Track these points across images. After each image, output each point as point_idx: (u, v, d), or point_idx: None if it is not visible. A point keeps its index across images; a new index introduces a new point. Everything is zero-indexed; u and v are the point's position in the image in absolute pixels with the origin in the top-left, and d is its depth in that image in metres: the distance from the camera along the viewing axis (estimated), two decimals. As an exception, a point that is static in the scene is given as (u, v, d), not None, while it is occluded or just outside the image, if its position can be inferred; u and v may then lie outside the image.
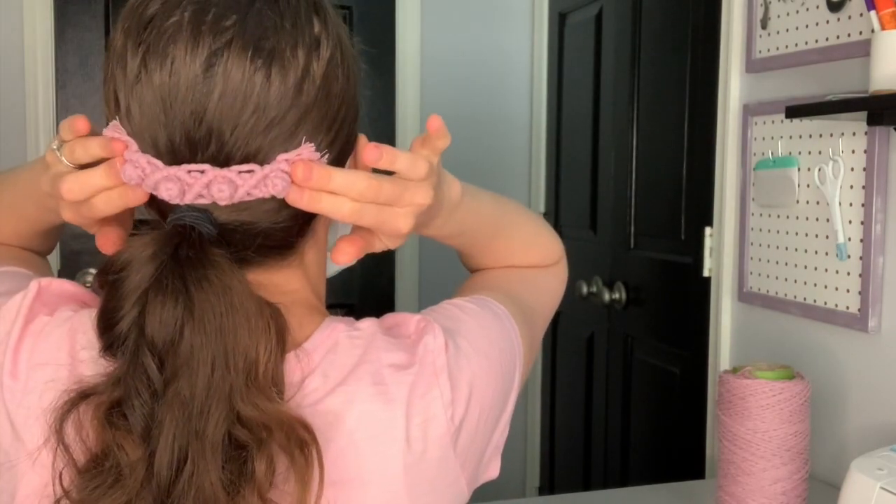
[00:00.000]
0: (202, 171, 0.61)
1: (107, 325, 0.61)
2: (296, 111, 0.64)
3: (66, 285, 0.68)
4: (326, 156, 0.66)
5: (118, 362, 0.60)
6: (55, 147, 0.66)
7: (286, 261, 0.70)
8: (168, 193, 0.62)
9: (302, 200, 0.64)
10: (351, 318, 0.71)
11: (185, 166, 0.62)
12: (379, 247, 0.72)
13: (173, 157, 0.62)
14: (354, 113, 0.70)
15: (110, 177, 0.63)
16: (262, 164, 0.63)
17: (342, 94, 0.67)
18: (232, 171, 0.62)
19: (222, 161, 0.62)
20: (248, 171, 0.62)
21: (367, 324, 0.69)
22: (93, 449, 0.60)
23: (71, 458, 0.60)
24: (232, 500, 0.58)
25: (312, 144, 0.64)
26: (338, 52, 0.67)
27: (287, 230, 0.68)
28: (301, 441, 0.60)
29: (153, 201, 0.65)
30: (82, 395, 0.60)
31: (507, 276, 0.88)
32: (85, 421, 0.60)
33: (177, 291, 0.59)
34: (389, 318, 0.72)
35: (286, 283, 0.69)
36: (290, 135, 0.64)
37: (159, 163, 0.62)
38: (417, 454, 0.65)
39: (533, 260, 0.92)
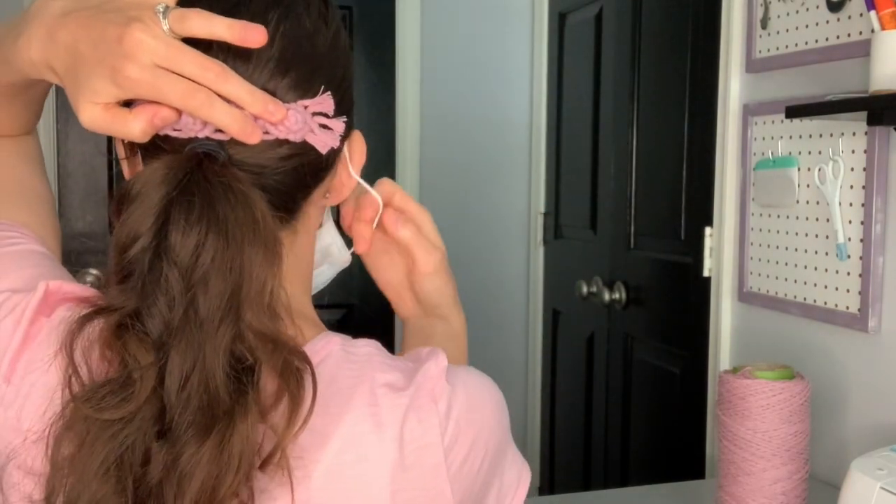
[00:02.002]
0: None
1: (123, 248, 0.60)
2: (309, 61, 0.66)
3: (73, 288, 0.67)
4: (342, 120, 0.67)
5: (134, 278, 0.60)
6: (160, 10, 0.60)
7: (283, 229, 0.68)
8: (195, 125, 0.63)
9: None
10: (348, 336, 0.69)
11: None
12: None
13: None
14: (351, 99, 0.72)
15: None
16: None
17: (345, 67, 0.70)
18: None
19: None
20: None
21: (365, 343, 0.68)
22: (96, 371, 0.60)
23: (78, 375, 0.59)
24: (234, 403, 0.58)
25: (330, 95, 0.66)
26: (341, 34, 0.70)
27: (288, 193, 0.67)
28: (297, 368, 0.61)
29: (165, 140, 0.64)
30: (95, 312, 0.60)
31: None
32: (93, 346, 0.60)
33: (203, 201, 0.59)
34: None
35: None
36: (305, 81, 0.65)
37: None
38: (408, 481, 0.63)
39: None
